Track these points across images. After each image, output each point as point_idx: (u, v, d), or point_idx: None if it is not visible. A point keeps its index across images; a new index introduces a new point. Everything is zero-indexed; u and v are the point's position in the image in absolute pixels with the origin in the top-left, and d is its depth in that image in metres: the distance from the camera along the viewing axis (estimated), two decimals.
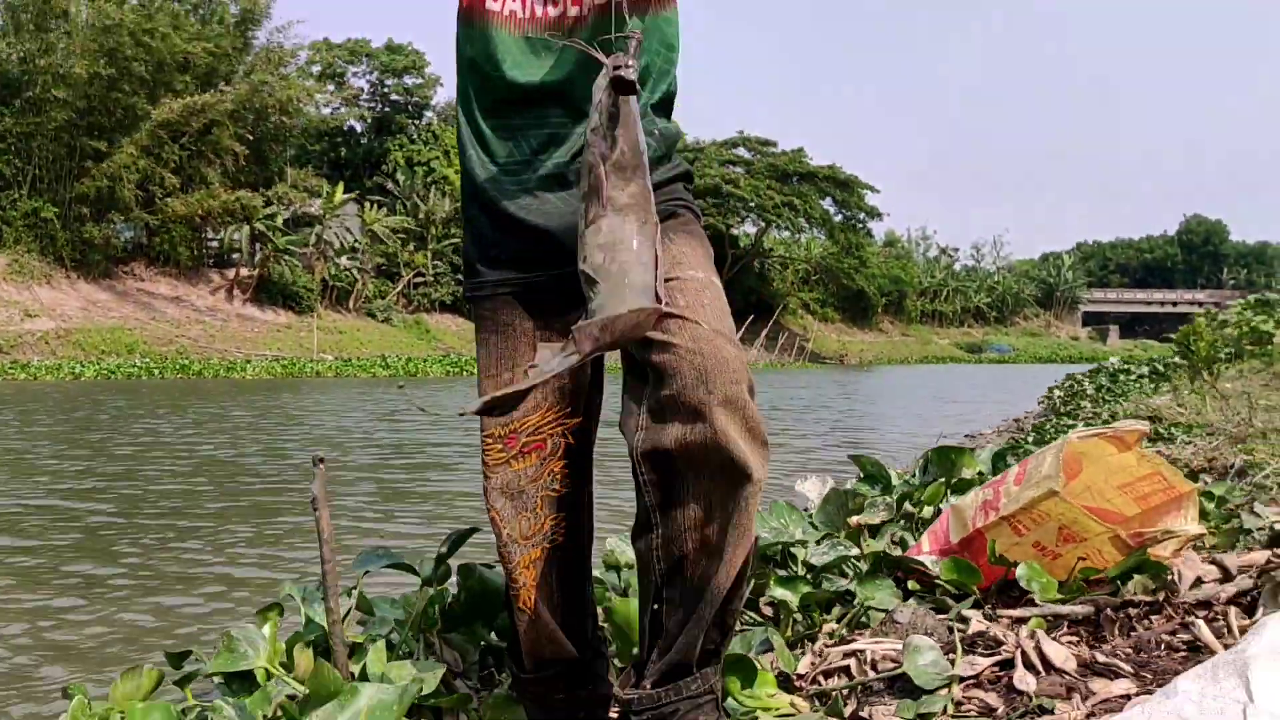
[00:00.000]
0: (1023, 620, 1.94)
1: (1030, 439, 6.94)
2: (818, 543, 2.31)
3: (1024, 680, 1.66)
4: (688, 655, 1.59)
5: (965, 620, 1.98)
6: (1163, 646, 1.76)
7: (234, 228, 41.12)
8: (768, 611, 2.27)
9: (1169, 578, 1.96)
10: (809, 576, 2.22)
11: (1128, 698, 1.57)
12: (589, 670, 1.79)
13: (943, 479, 3.05)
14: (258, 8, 42.80)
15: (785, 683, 1.93)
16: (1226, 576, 2.05)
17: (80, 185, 36.92)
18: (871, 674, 1.85)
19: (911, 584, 2.21)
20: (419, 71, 52.83)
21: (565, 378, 1.68)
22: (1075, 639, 1.88)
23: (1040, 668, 1.70)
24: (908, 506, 2.77)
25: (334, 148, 52.17)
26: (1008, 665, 1.74)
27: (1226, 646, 1.73)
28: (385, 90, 53.03)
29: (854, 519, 2.53)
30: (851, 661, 1.90)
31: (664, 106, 1.80)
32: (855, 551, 2.32)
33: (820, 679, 1.90)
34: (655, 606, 1.63)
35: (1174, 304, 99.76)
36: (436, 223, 48.81)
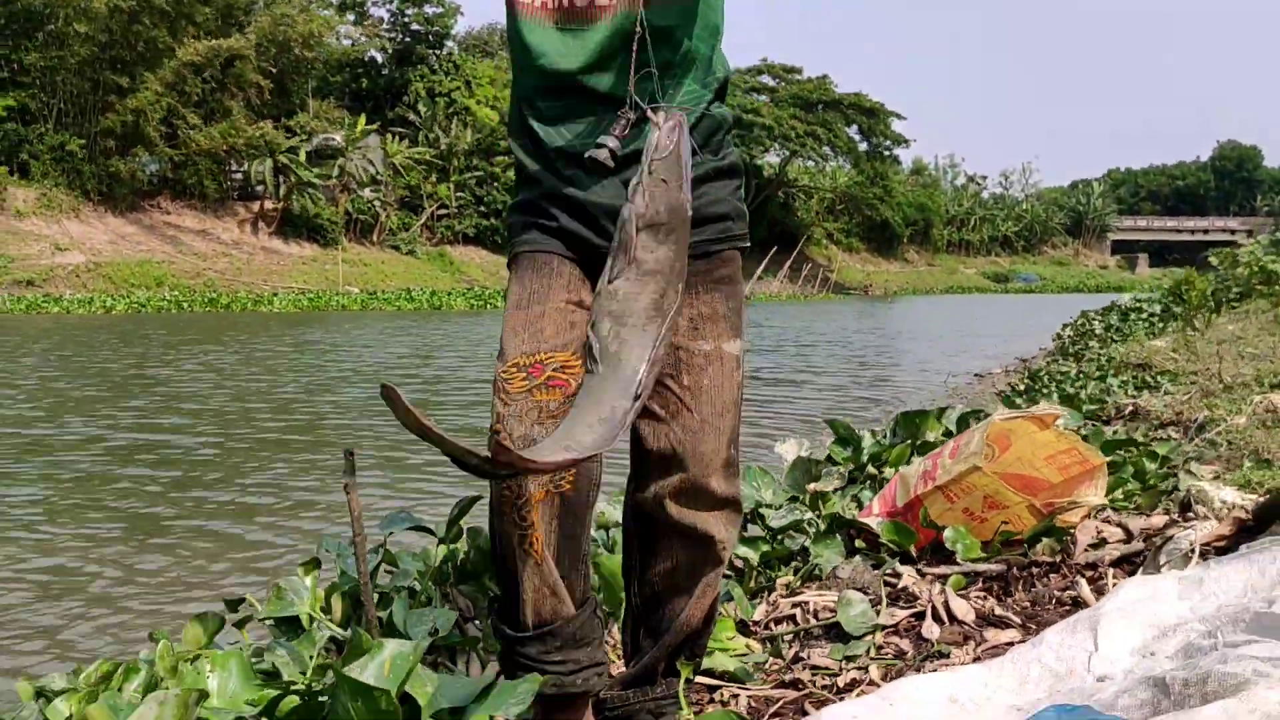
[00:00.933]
0: (945, 577, 2.29)
1: (1023, 387, 7.23)
2: (778, 507, 2.66)
3: (930, 630, 2.01)
4: (655, 668, 1.83)
5: (898, 575, 2.33)
6: (1053, 602, 2.11)
7: (258, 161, 41.39)
8: (738, 565, 2.63)
9: (1069, 541, 2.30)
10: (769, 536, 2.57)
11: (1011, 645, 1.92)
12: (586, 630, 1.74)
13: (909, 440, 3.38)
14: None
15: (743, 628, 2.29)
16: (1129, 538, 2.39)
17: (105, 119, 37.22)
18: (813, 621, 2.21)
19: (859, 543, 2.56)
20: (439, 0, 52.47)
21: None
22: (987, 593, 2.23)
23: (946, 619, 2.05)
24: (870, 469, 3.12)
25: (355, 79, 52.09)
26: (921, 617, 2.09)
27: None
28: (405, 20, 52.68)
29: (811, 485, 2.88)
30: (797, 611, 2.26)
31: (719, 93, 1.81)
32: (810, 515, 2.67)
33: (771, 625, 2.26)
34: (632, 624, 1.87)
35: (1205, 232, 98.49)
36: (459, 154, 48.85)
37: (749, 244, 1.87)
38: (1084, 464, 2.53)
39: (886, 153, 66.82)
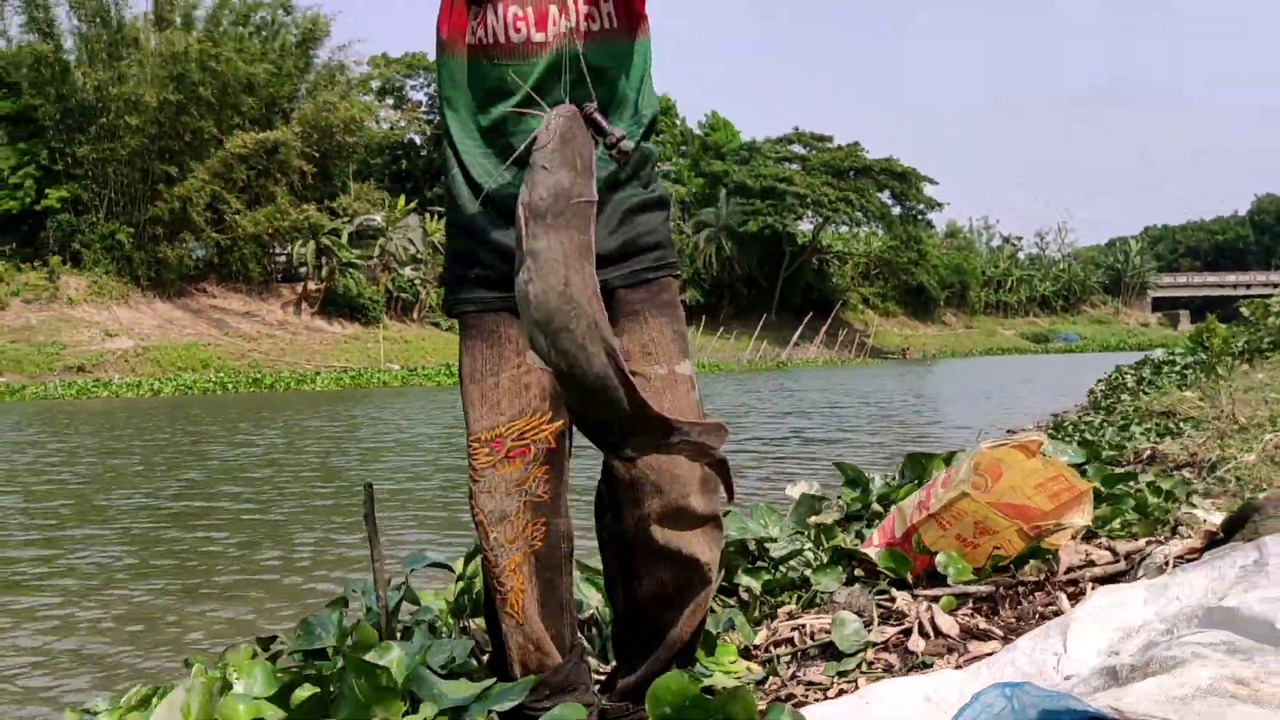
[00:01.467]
0: (937, 598, 2.39)
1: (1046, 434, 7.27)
2: (775, 541, 2.79)
3: (916, 643, 2.12)
4: (646, 681, 1.80)
5: (892, 599, 2.44)
6: (1036, 616, 2.21)
7: (301, 243, 42.40)
8: (744, 595, 2.75)
9: (1052, 561, 2.41)
10: (772, 566, 2.69)
11: (993, 654, 2.02)
12: (572, 677, 1.83)
13: (915, 481, 3.49)
14: (318, 28, 44.10)
15: (745, 653, 2.40)
16: (1115, 559, 2.49)
17: (153, 208, 38.42)
18: (809, 642, 2.32)
19: (859, 571, 2.67)
20: None
21: (547, 380, 1.75)
22: (975, 612, 2.33)
23: (931, 633, 2.16)
24: (876, 507, 3.23)
25: (395, 161, 53.43)
26: (909, 633, 2.20)
27: None
28: None
29: (812, 519, 3.00)
30: (795, 633, 2.37)
31: (647, 131, 1.87)
32: (809, 546, 2.79)
33: (771, 648, 2.37)
34: (620, 635, 1.92)
35: (1247, 286, 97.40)
36: None
37: (681, 273, 1.93)
38: (1072, 490, 2.63)
39: (919, 217, 67.09)
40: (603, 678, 2.15)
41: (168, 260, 38.65)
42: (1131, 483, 3.56)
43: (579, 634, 1.96)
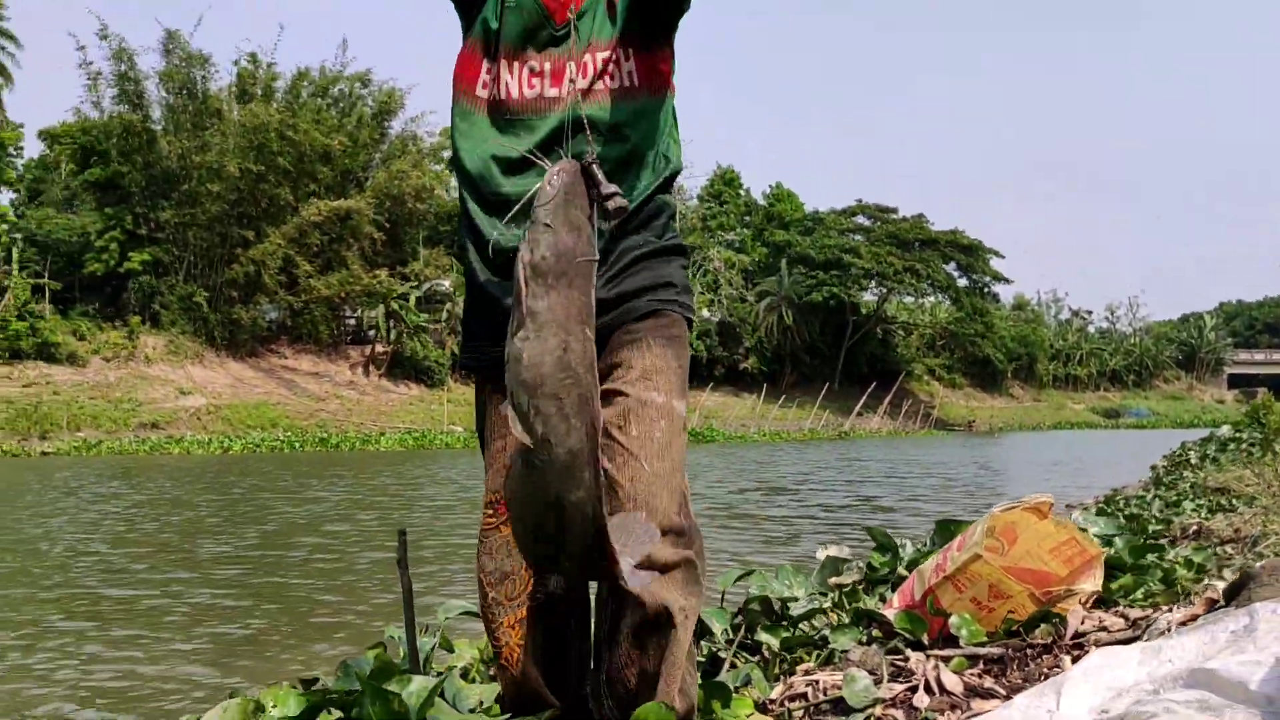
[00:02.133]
0: (948, 659, 2.46)
1: (1094, 510, 7.22)
2: (796, 600, 2.87)
3: (921, 700, 2.20)
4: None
5: (906, 658, 2.52)
6: (1042, 677, 2.27)
7: (370, 307, 43.40)
8: (765, 653, 2.83)
9: (1058, 624, 2.47)
10: (791, 625, 2.78)
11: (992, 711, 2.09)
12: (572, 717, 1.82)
13: (944, 546, 3.55)
14: (393, 101, 45.53)
15: (762, 708, 2.49)
16: (1127, 626, 2.54)
17: (230, 270, 39.69)
18: (822, 697, 2.40)
19: (877, 632, 2.75)
20: None
21: None
22: (985, 673, 2.40)
23: (936, 691, 2.23)
24: (901, 570, 3.30)
25: None
26: (915, 690, 2.27)
27: None
28: None
29: (832, 580, 3.08)
30: (809, 689, 2.45)
31: (665, 184, 1.87)
32: (828, 604, 2.87)
33: (786, 702, 2.45)
34: (598, 685, 1.84)
35: None
36: None
37: (694, 318, 1.89)
38: (1084, 555, 2.69)
39: (986, 289, 66.62)
40: None
41: (241, 321, 39.81)
42: (1162, 555, 3.59)
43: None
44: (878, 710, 2.27)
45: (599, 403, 1.38)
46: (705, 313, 57.12)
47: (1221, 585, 2.49)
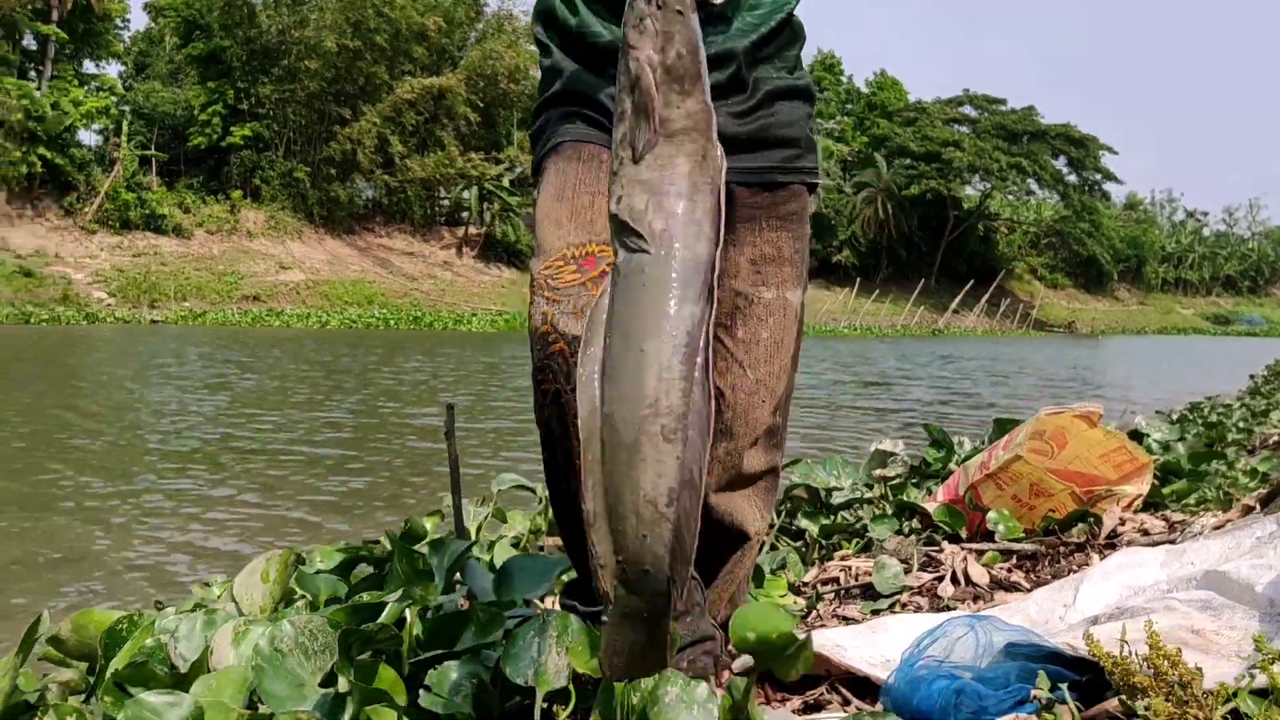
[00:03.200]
0: (981, 552, 2.50)
1: (1175, 417, 7.08)
2: (840, 490, 2.93)
3: (945, 589, 2.24)
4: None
5: (940, 550, 2.56)
6: (1070, 574, 2.29)
7: (465, 188, 43.71)
8: (807, 539, 2.90)
9: (1093, 524, 2.47)
10: (831, 513, 2.84)
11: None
12: (686, 595, 1.42)
13: (991, 444, 3.55)
14: None
15: (795, 589, 2.56)
16: (1169, 528, 2.54)
17: (327, 149, 40.25)
18: (853, 582, 2.46)
19: (916, 524, 2.78)
20: None
21: None
22: (1017, 568, 2.43)
23: (961, 581, 2.27)
24: (952, 466, 3.32)
25: None
26: (942, 579, 2.32)
27: None
28: None
29: (877, 472, 3.11)
30: (841, 574, 2.51)
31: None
32: (868, 495, 2.92)
33: (818, 585, 2.52)
34: None
35: None
36: None
37: (819, 181, 1.59)
38: (1134, 462, 2.68)
39: (1096, 186, 64.20)
40: None
41: (339, 199, 40.53)
42: (1230, 463, 3.54)
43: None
44: (904, 597, 2.32)
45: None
46: None
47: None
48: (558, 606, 1.77)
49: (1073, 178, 62.65)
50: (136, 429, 8.20)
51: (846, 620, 2.29)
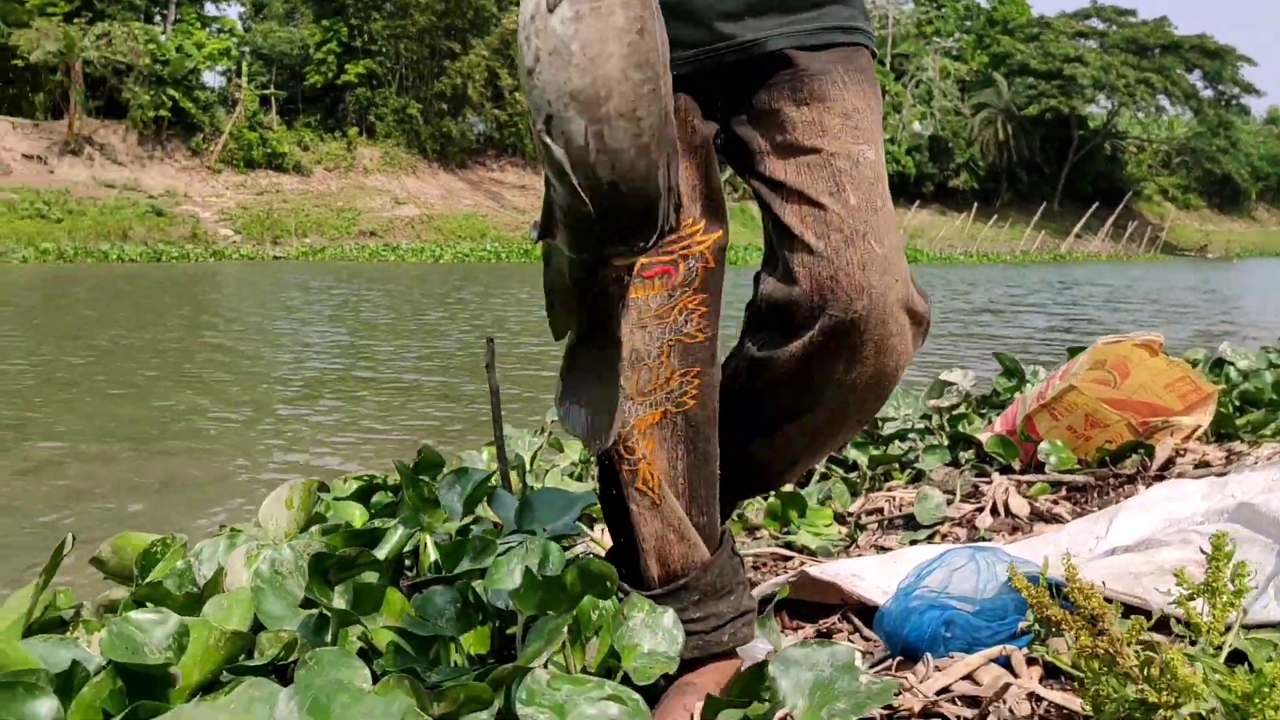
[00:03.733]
0: (1030, 484, 2.46)
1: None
2: (892, 420, 2.90)
3: (983, 520, 2.22)
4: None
5: (989, 481, 2.53)
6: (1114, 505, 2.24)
7: None
8: (853, 467, 2.89)
9: (1145, 456, 2.40)
10: (881, 443, 2.82)
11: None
12: (725, 576, 1.35)
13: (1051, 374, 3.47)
14: None
15: (840, 518, 2.57)
16: (1228, 459, 2.46)
17: (439, 83, 40.64)
18: (896, 513, 2.46)
19: (970, 455, 2.75)
20: None
21: (701, 178, 1.33)
22: (1065, 499, 2.39)
23: (1002, 512, 2.24)
24: (1016, 395, 3.26)
25: None
26: (982, 511, 2.30)
27: None
28: None
29: (931, 402, 3.07)
30: (886, 504, 2.51)
31: None
32: (921, 426, 2.88)
33: (862, 515, 2.53)
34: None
35: None
36: None
37: (876, 52, 1.38)
38: (1199, 391, 2.59)
39: (1234, 101, 60.67)
40: None
41: (451, 134, 40.97)
42: None
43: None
44: (944, 528, 2.31)
45: (675, 127, 0.94)
46: (916, 126, 54.59)
47: None
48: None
49: (1208, 92, 59.34)
50: (268, 358, 8.76)
51: (883, 550, 2.30)
